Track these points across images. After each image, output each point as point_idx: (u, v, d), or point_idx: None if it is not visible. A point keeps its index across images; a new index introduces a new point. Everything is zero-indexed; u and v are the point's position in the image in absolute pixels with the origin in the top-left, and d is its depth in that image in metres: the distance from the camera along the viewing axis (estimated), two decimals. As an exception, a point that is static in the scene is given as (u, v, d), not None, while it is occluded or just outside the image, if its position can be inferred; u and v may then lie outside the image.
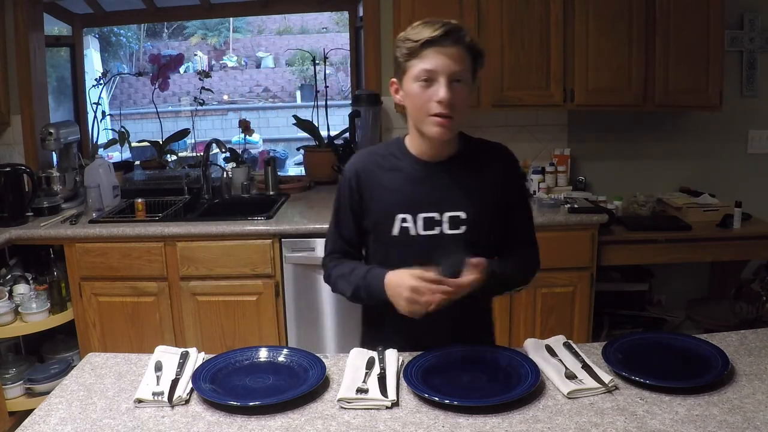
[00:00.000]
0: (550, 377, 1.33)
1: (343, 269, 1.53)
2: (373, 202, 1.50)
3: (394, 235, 1.47)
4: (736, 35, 3.33)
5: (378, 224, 1.50)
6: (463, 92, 1.40)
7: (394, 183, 1.49)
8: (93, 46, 6.29)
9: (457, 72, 1.38)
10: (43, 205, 3.07)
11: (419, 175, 1.48)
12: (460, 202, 1.46)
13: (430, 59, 1.38)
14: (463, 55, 1.40)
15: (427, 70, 1.38)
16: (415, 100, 1.41)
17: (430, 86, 1.38)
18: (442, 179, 1.48)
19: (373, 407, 1.25)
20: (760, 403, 1.22)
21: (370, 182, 1.50)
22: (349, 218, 1.54)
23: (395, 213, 1.47)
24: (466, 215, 1.46)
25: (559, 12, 2.97)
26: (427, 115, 1.40)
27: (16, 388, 2.77)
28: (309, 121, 3.70)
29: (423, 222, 1.46)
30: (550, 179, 3.34)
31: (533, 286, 2.89)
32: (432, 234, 1.46)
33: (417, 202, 1.46)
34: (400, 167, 1.50)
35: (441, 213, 1.46)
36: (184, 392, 1.30)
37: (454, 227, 1.46)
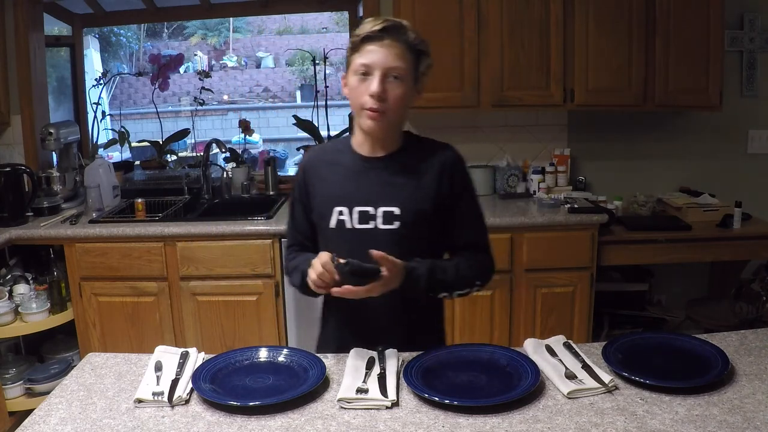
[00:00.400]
0: (550, 377, 1.33)
1: (297, 261, 1.57)
2: (315, 195, 1.55)
3: (331, 227, 1.51)
4: (736, 35, 3.33)
5: (319, 217, 1.54)
6: (398, 89, 1.42)
7: (334, 177, 1.53)
8: (93, 46, 6.28)
9: (393, 68, 1.41)
10: (43, 205, 3.07)
11: (358, 170, 1.52)
12: (395, 198, 1.48)
13: (368, 54, 1.42)
14: (402, 52, 1.42)
15: (364, 64, 1.42)
16: (353, 93, 1.45)
17: (366, 80, 1.42)
18: (379, 175, 1.50)
19: (373, 407, 1.25)
20: (760, 403, 1.22)
21: (314, 176, 1.56)
22: (301, 211, 1.59)
23: (333, 206, 1.50)
24: (400, 211, 1.47)
25: (559, 12, 2.97)
26: (361, 109, 1.44)
27: (16, 388, 2.77)
28: (309, 121, 3.70)
29: (358, 215, 1.49)
30: (550, 179, 3.34)
31: (533, 286, 2.89)
32: (366, 228, 1.48)
33: (353, 195, 1.50)
34: (341, 162, 1.54)
35: (376, 208, 1.48)
36: (184, 392, 1.30)
37: (387, 222, 1.48)
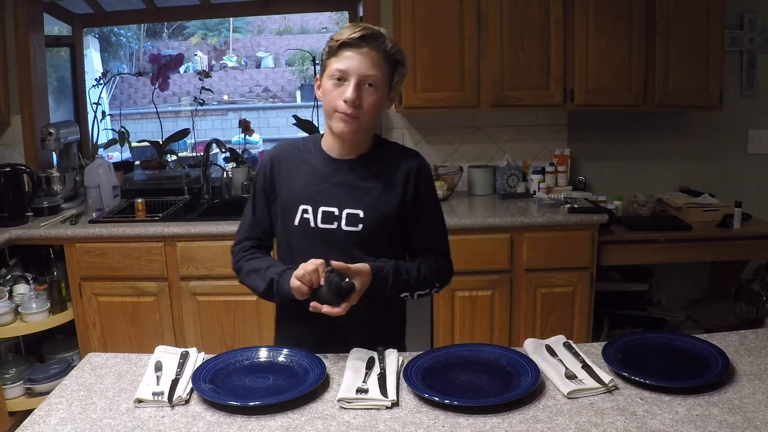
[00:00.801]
0: (550, 377, 1.33)
1: (257, 264, 1.56)
2: (281, 191, 1.56)
3: (295, 224, 1.53)
4: (736, 35, 3.34)
5: (283, 213, 1.56)
6: (372, 96, 1.45)
7: (302, 175, 1.55)
8: (93, 46, 6.28)
9: (368, 76, 1.44)
10: (43, 205, 3.07)
11: (325, 171, 1.54)
12: (360, 201, 1.51)
13: (344, 60, 1.44)
14: (378, 61, 1.45)
15: (340, 70, 1.44)
16: (326, 96, 1.48)
17: (341, 85, 1.44)
18: (346, 177, 1.53)
19: (373, 407, 1.25)
20: (760, 403, 1.22)
21: (282, 171, 1.57)
22: (264, 204, 1.60)
23: (298, 203, 1.53)
24: (363, 214, 1.50)
25: (559, 12, 2.97)
26: (334, 112, 1.46)
27: (16, 388, 2.77)
28: (309, 121, 3.70)
29: (322, 215, 1.51)
30: (550, 179, 3.34)
31: (533, 286, 2.90)
32: (330, 228, 1.51)
33: (319, 195, 1.52)
34: (310, 161, 1.56)
35: (340, 209, 1.51)
36: (184, 392, 1.30)
37: (351, 224, 1.51)
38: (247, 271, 1.58)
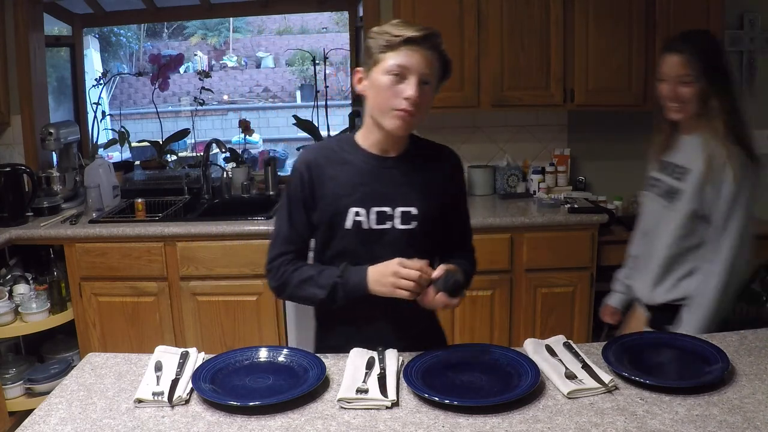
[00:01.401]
0: (550, 377, 1.33)
1: (306, 272, 1.50)
2: (324, 195, 1.50)
3: (347, 228, 1.48)
4: (736, 35, 3.33)
5: (330, 218, 1.49)
6: (428, 94, 1.44)
7: (346, 176, 1.49)
8: (93, 46, 6.29)
9: (427, 74, 1.42)
10: (43, 205, 3.07)
11: (371, 169, 1.50)
12: (412, 198, 1.49)
13: (406, 56, 1.40)
14: (435, 60, 1.44)
15: (401, 66, 1.40)
16: (381, 91, 1.43)
17: (400, 82, 1.41)
18: (393, 174, 1.50)
19: (373, 407, 1.25)
20: (760, 403, 1.22)
21: (321, 175, 1.50)
22: (302, 211, 1.52)
23: (348, 206, 1.48)
24: (417, 211, 1.49)
25: (559, 12, 2.97)
26: (390, 109, 1.42)
27: (16, 388, 2.77)
28: (309, 121, 3.70)
29: (376, 216, 1.48)
30: (550, 179, 3.34)
31: (533, 286, 2.90)
32: (384, 228, 1.48)
33: (370, 195, 1.48)
34: (351, 161, 1.51)
35: (393, 208, 1.48)
36: (184, 392, 1.30)
37: (405, 222, 1.49)
38: (297, 283, 1.50)
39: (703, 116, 1.73)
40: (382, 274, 1.41)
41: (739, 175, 1.65)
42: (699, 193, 1.70)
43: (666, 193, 1.83)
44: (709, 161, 1.69)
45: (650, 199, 1.94)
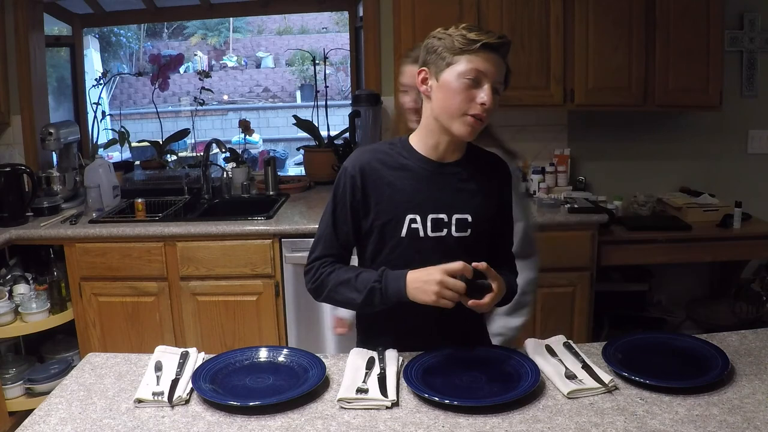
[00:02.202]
0: (550, 377, 1.33)
1: (343, 275, 1.44)
2: (379, 201, 1.44)
3: (402, 236, 1.44)
4: (736, 35, 3.34)
5: (384, 224, 1.45)
6: (497, 102, 1.40)
7: (402, 182, 1.44)
8: (93, 46, 6.29)
9: (499, 82, 1.39)
10: (43, 205, 3.07)
11: (428, 175, 1.45)
12: (468, 205, 1.46)
13: (484, 61, 1.36)
14: (504, 68, 1.41)
15: (479, 71, 1.36)
16: (454, 95, 1.37)
17: (474, 87, 1.37)
18: (450, 181, 1.46)
19: (373, 407, 1.25)
20: (760, 403, 1.22)
21: (376, 180, 1.44)
22: (348, 217, 1.46)
23: (405, 213, 1.43)
24: (471, 218, 1.45)
25: (559, 12, 2.97)
26: (462, 114, 1.38)
27: (16, 388, 2.77)
28: (309, 121, 3.70)
29: (431, 223, 1.43)
30: (550, 179, 3.34)
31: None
32: (439, 236, 1.44)
33: (426, 202, 1.44)
34: (408, 166, 1.45)
35: (449, 215, 1.44)
36: (184, 392, 1.30)
37: (460, 230, 1.45)
38: (334, 286, 1.44)
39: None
40: (425, 282, 1.34)
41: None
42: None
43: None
44: None
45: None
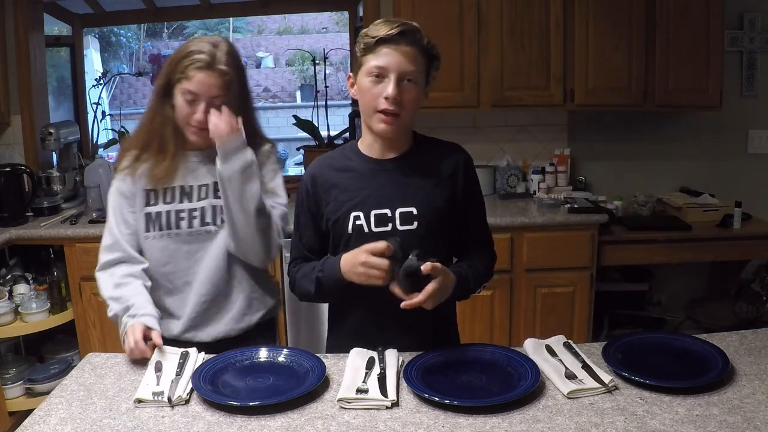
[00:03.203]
0: (550, 377, 1.33)
1: (304, 270, 1.55)
2: (328, 203, 1.53)
3: (348, 233, 1.49)
4: (736, 35, 3.34)
5: (334, 224, 1.52)
6: (412, 92, 1.43)
7: (346, 182, 1.52)
8: (93, 46, 6.28)
9: (408, 72, 1.41)
10: (43, 205, 3.07)
11: (369, 173, 1.51)
12: (411, 198, 1.48)
13: (383, 56, 1.41)
14: (416, 56, 1.43)
15: (378, 67, 1.41)
16: (365, 94, 1.44)
17: (380, 82, 1.41)
18: (392, 176, 1.50)
19: (373, 407, 1.25)
20: (760, 403, 1.22)
21: (324, 184, 1.54)
22: (309, 222, 1.57)
23: (348, 211, 1.49)
24: (417, 211, 1.48)
25: (559, 12, 2.97)
26: (375, 111, 1.43)
27: (16, 388, 2.77)
28: (309, 121, 3.70)
29: (375, 219, 1.48)
30: (550, 179, 3.34)
31: (533, 286, 2.90)
32: (385, 230, 1.48)
33: (368, 199, 1.49)
34: (352, 167, 1.53)
35: (393, 209, 1.48)
36: (184, 392, 1.30)
37: (406, 223, 1.48)
38: (299, 282, 1.57)
39: None
40: (352, 264, 1.40)
41: None
42: None
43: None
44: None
45: None
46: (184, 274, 1.65)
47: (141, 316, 1.52)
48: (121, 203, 1.64)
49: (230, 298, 1.68)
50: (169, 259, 1.64)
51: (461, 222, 1.56)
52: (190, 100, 1.53)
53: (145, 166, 1.62)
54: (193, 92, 1.52)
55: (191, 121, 1.56)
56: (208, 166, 1.64)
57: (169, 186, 1.63)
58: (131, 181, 1.63)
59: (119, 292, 1.58)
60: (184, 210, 1.63)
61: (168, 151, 1.61)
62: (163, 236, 1.63)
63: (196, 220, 1.63)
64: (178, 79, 1.54)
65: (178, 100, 1.55)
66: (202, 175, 1.65)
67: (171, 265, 1.64)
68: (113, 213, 1.65)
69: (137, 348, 1.45)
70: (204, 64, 1.51)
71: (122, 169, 1.64)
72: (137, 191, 1.63)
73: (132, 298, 1.56)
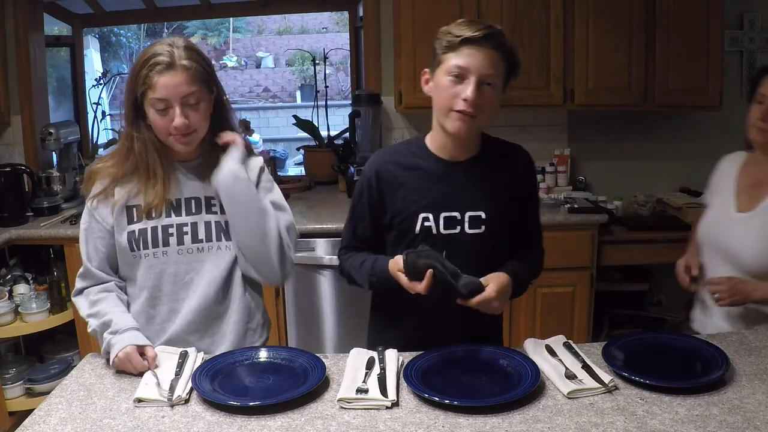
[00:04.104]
0: (550, 377, 1.33)
1: (355, 262, 1.57)
2: (394, 201, 1.51)
3: (416, 233, 1.50)
4: (736, 35, 3.33)
5: (400, 222, 1.51)
6: (490, 95, 1.42)
7: (415, 181, 1.50)
8: (93, 46, 6.29)
9: (488, 75, 1.40)
10: (43, 205, 3.07)
11: (440, 174, 1.50)
12: (481, 202, 1.49)
13: (466, 56, 1.39)
14: (498, 60, 1.41)
15: (460, 66, 1.39)
16: (442, 92, 1.43)
17: (460, 83, 1.40)
18: (463, 179, 1.50)
19: (373, 407, 1.25)
20: (760, 403, 1.22)
21: (391, 180, 1.52)
22: (366, 216, 1.56)
23: (417, 212, 1.49)
24: (485, 215, 1.49)
25: (559, 12, 2.97)
26: (450, 110, 1.42)
27: (16, 388, 2.77)
28: (309, 121, 3.70)
29: (444, 221, 1.49)
30: (550, 179, 3.34)
31: (533, 286, 2.89)
32: (453, 233, 1.49)
33: (439, 201, 1.49)
34: (421, 165, 1.51)
35: (462, 212, 1.49)
36: (184, 392, 1.30)
37: (474, 227, 1.49)
38: (349, 271, 1.60)
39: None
40: (395, 272, 1.43)
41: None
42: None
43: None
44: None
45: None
46: (170, 300, 1.53)
47: (123, 332, 1.43)
48: (93, 228, 1.52)
49: (220, 331, 1.57)
50: (154, 281, 1.52)
51: (519, 226, 1.58)
52: (162, 109, 1.43)
53: (129, 186, 1.51)
54: (162, 99, 1.41)
55: (171, 130, 1.44)
56: (196, 179, 1.55)
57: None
58: (106, 203, 1.51)
59: (96, 309, 1.50)
60: (172, 225, 1.51)
61: (158, 175, 1.50)
62: (148, 256, 1.51)
63: (186, 236, 1.51)
64: (143, 92, 1.42)
65: (150, 114, 1.44)
66: (191, 188, 1.54)
67: (154, 289, 1.53)
68: (84, 242, 1.53)
69: (141, 368, 1.39)
70: (165, 65, 1.41)
71: (96, 195, 1.51)
72: (117, 211, 1.51)
73: (109, 313, 1.48)
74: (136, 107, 1.46)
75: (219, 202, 1.54)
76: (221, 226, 1.54)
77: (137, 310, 1.54)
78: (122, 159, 1.51)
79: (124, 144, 1.51)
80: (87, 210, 1.54)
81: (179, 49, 1.44)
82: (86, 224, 1.54)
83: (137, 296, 1.55)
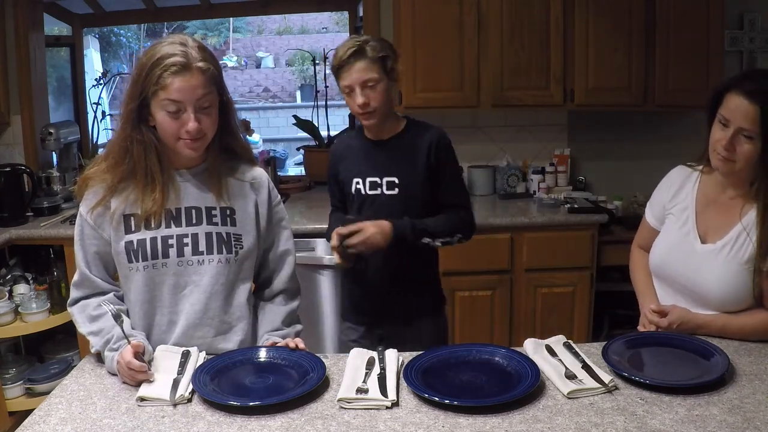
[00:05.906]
0: (550, 377, 1.33)
1: (332, 219, 2.07)
2: (341, 171, 2.00)
3: (352, 193, 1.95)
4: (736, 35, 3.34)
5: (343, 186, 1.99)
6: (377, 92, 1.80)
7: (352, 156, 1.99)
8: (93, 46, 6.29)
9: (367, 80, 1.79)
10: (43, 205, 3.07)
11: (367, 150, 1.96)
12: (394, 170, 1.90)
13: (346, 77, 1.81)
14: (370, 65, 1.79)
15: (346, 86, 1.82)
16: (348, 103, 1.88)
17: (353, 94, 1.82)
18: (382, 153, 1.93)
19: (373, 407, 1.25)
20: (760, 403, 1.22)
21: (339, 156, 2.03)
22: (333, 184, 2.06)
23: (352, 177, 1.95)
24: (398, 180, 1.90)
25: (559, 12, 2.97)
26: (357, 114, 1.86)
27: (16, 388, 2.77)
28: (309, 121, 3.70)
29: (369, 184, 1.93)
30: (550, 179, 3.34)
31: (533, 286, 2.90)
32: (375, 194, 1.92)
33: (364, 169, 1.94)
34: (356, 145, 2.00)
35: (381, 178, 1.92)
36: (186, 391, 1.30)
37: (390, 189, 1.91)
38: (327, 231, 2.04)
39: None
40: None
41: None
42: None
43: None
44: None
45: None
46: (169, 311, 1.49)
47: (121, 346, 1.38)
48: (88, 235, 1.48)
49: (221, 345, 1.52)
50: (153, 292, 1.48)
51: (438, 188, 1.92)
52: (173, 111, 1.37)
53: (125, 194, 1.46)
54: (176, 101, 1.36)
55: (182, 133, 1.39)
56: (196, 188, 1.50)
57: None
58: (104, 215, 1.46)
59: (97, 326, 1.45)
60: (172, 236, 1.45)
61: (157, 181, 1.44)
62: (147, 267, 1.45)
63: (187, 248, 1.46)
64: (153, 91, 1.36)
65: (159, 116, 1.38)
66: (191, 197, 1.49)
67: (152, 299, 1.48)
68: (80, 248, 1.48)
69: (137, 374, 1.33)
70: (180, 66, 1.34)
71: (93, 208, 1.46)
72: (115, 218, 1.45)
73: (111, 330, 1.42)
74: (141, 108, 1.40)
75: (219, 213, 1.50)
76: (222, 238, 1.49)
77: (135, 321, 1.50)
78: (117, 162, 1.45)
79: (120, 146, 1.44)
80: (80, 217, 1.49)
81: (194, 49, 1.38)
82: (80, 231, 1.49)
83: (134, 306, 1.50)
